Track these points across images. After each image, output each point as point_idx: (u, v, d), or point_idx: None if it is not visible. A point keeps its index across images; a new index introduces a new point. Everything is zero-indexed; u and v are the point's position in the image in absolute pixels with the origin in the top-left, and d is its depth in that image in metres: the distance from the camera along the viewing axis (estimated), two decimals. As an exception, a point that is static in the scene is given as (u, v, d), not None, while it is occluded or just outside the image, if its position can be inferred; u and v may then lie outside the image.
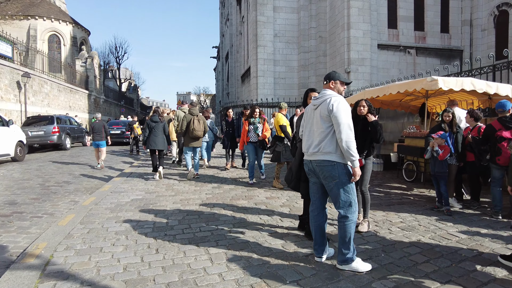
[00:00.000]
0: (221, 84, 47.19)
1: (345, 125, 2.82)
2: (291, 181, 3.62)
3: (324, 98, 2.98)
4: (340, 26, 18.74)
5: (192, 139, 7.85)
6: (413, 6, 20.01)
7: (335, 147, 2.90)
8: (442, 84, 5.39)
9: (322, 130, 2.93)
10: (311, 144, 3.04)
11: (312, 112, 3.11)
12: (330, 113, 2.87)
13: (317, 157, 2.97)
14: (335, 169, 2.90)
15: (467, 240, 3.80)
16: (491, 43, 20.14)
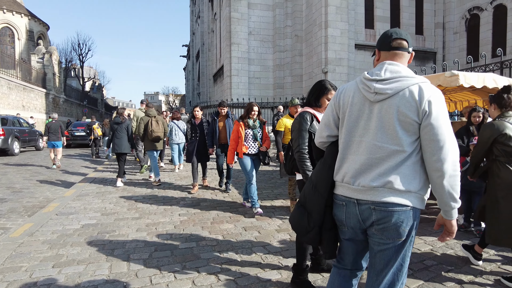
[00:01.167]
0: (192, 84, 45.50)
1: (452, 144, 1.49)
2: (308, 230, 1.85)
3: (402, 82, 1.55)
4: (317, 24, 18.04)
5: (153, 141, 7.38)
6: (389, 6, 19.74)
7: (420, 182, 1.55)
8: (463, 80, 4.56)
9: (399, 147, 1.53)
10: (363, 169, 1.60)
11: (366, 105, 1.63)
12: (424, 117, 1.50)
13: (378, 195, 1.55)
14: (410, 219, 1.56)
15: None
16: (462, 46, 20.30)
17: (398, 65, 1.61)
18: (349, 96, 1.70)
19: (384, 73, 1.60)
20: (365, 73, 1.67)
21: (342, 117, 1.73)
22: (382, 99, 1.56)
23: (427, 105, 1.48)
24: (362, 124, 1.63)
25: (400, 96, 1.53)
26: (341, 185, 1.70)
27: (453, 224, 1.58)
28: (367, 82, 1.62)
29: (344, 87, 1.77)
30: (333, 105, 1.80)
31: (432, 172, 1.51)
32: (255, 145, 5.08)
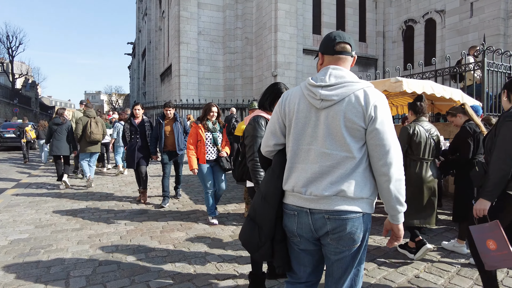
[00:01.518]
0: (137, 83, 43.56)
1: (397, 148, 1.51)
2: (260, 245, 1.73)
3: (347, 88, 1.52)
4: (267, 28, 18.27)
5: (90, 143, 7.08)
6: (335, 13, 20.61)
7: (370, 188, 1.56)
8: (406, 86, 4.85)
9: (348, 154, 1.51)
10: (314, 178, 1.55)
11: (313, 112, 1.58)
12: (370, 123, 1.49)
13: (332, 204, 1.52)
14: (363, 225, 1.56)
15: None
16: (400, 54, 21.87)
17: (342, 70, 1.58)
18: (294, 103, 1.63)
19: (329, 78, 1.56)
20: (310, 78, 1.62)
21: (288, 125, 1.66)
22: (329, 105, 1.52)
23: (373, 110, 1.48)
24: (309, 131, 1.58)
25: (346, 102, 1.50)
26: (292, 194, 1.62)
27: (400, 228, 1.60)
28: (313, 88, 1.57)
29: (289, 93, 1.71)
30: (278, 112, 1.71)
31: (379, 177, 1.52)
32: (214, 150, 4.66)
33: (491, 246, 2.34)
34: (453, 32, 17.52)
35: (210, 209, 4.70)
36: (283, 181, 1.67)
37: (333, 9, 20.52)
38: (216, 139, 4.67)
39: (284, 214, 1.68)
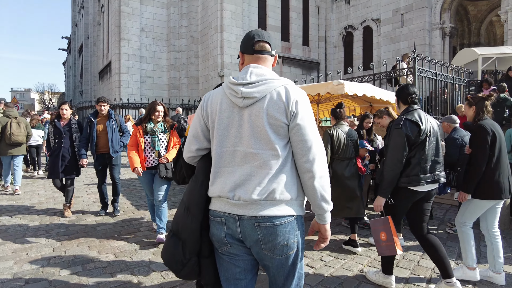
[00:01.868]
0: (73, 81, 40.49)
1: (319, 145, 1.48)
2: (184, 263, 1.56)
3: (268, 85, 1.48)
4: (213, 28, 18.09)
5: (11, 145, 6.49)
6: (280, 17, 21.07)
7: (298, 188, 1.50)
8: (348, 88, 5.08)
9: (274, 152, 1.45)
10: (242, 181, 1.46)
11: (235, 111, 1.51)
12: (292, 118, 1.45)
13: (261, 209, 1.43)
14: (296, 228, 1.49)
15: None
16: (340, 58, 23.05)
17: (262, 68, 1.54)
18: (216, 103, 1.56)
19: (250, 76, 1.51)
20: (231, 77, 1.55)
21: (211, 127, 1.57)
22: (251, 103, 1.47)
23: (294, 106, 1.45)
24: (233, 132, 1.50)
25: (268, 99, 1.46)
26: (219, 200, 1.50)
27: (327, 229, 1.54)
28: (234, 86, 1.50)
29: (210, 94, 1.63)
30: (200, 114, 1.62)
31: (303, 174, 1.46)
32: (153, 156, 4.02)
33: (383, 237, 2.78)
34: (387, 40, 18.88)
35: (159, 223, 4.04)
36: (209, 187, 1.55)
37: (278, 12, 20.96)
38: (155, 143, 4.00)
39: (210, 222, 1.54)
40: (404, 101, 2.92)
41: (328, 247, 3.93)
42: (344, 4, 22.25)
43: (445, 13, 17.20)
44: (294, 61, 21.81)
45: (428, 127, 2.77)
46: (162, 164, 3.94)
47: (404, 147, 2.70)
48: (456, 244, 4.02)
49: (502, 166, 2.95)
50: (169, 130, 4.13)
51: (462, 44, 20.25)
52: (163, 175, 3.91)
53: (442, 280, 2.82)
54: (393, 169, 2.71)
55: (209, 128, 1.59)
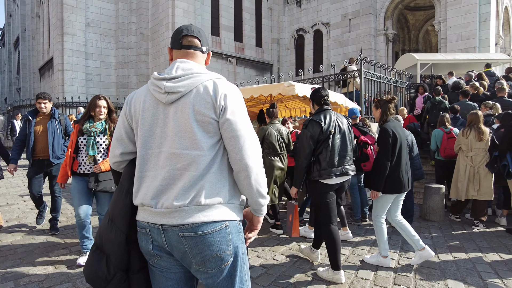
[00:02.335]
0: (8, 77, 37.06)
1: (253, 139, 1.39)
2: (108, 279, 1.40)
3: (195, 79, 1.38)
4: (164, 25, 17.60)
5: None
6: (233, 17, 21.07)
7: (229, 190, 1.39)
8: (298, 90, 5.19)
9: (199, 151, 1.33)
10: (164, 186, 1.34)
11: (160, 109, 1.39)
12: (221, 113, 1.34)
13: (185, 217, 1.30)
14: (230, 237, 1.35)
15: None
16: (292, 60, 23.62)
17: (189, 63, 1.43)
18: (140, 101, 1.43)
19: (176, 71, 1.40)
20: (155, 73, 1.44)
21: (135, 127, 1.44)
22: (176, 99, 1.35)
23: (223, 100, 1.34)
24: (158, 132, 1.37)
25: (194, 93, 1.35)
26: (143, 209, 1.37)
27: (260, 221, 1.49)
28: (157, 82, 1.39)
29: (135, 92, 1.50)
30: (124, 115, 1.49)
31: (238, 172, 1.36)
32: (87, 163, 3.33)
33: (290, 219, 3.67)
34: (337, 44, 19.69)
35: (83, 241, 3.41)
36: (133, 194, 1.41)
37: (231, 12, 20.94)
38: (90, 146, 3.29)
39: (138, 234, 1.40)
40: (317, 102, 3.24)
41: (281, 247, 3.99)
42: (295, 8, 22.84)
43: (388, 20, 18.35)
44: (248, 61, 21.93)
45: (333, 125, 3.09)
46: (100, 173, 3.27)
47: (308, 145, 3.05)
48: (400, 237, 4.28)
49: (401, 163, 3.30)
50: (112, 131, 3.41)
51: (403, 50, 21.72)
52: (91, 187, 3.27)
53: (330, 269, 3.12)
54: (300, 164, 3.11)
55: (133, 129, 1.46)
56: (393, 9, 18.23)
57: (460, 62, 11.60)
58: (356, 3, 18.64)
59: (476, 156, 4.83)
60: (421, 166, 4.75)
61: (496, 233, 4.63)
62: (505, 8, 18.65)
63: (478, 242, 4.24)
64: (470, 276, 3.25)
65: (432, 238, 4.36)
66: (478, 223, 4.82)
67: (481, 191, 4.77)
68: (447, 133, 5.54)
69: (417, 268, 3.39)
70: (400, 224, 3.49)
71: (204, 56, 1.52)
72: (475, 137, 4.81)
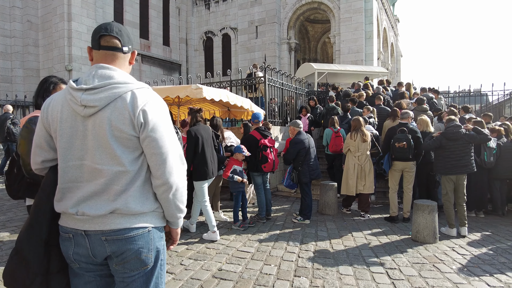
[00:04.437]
0: None
1: (175, 155, 1.39)
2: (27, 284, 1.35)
3: (113, 91, 1.31)
4: (58, 15, 15.79)
5: None
6: (138, 12, 20.02)
7: (154, 201, 1.40)
8: (206, 93, 5.28)
9: (121, 167, 1.31)
10: (87, 197, 1.33)
11: (79, 120, 1.33)
12: (141, 130, 1.31)
13: (108, 223, 1.31)
14: (152, 241, 1.38)
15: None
16: (201, 62, 23.53)
17: (110, 69, 1.35)
18: (57, 110, 1.36)
19: (93, 79, 1.32)
20: (71, 81, 1.35)
21: (54, 137, 1.39)
22: (93, 113, 1.29)
23: (142, 115, 1.29)
24: (78, 144, 1.33)
25: (111, 107, 1.29)
26: (65, 214, 1.37)
27: (178, 232, 1.53)
28: (74, 92, 1.31)
29: (52, 99, 1.41)
30: (41, 122, 1.42)
31: (157, 188, 1.36)
32: None
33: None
34: (244, 49, 20.33)
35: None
36: (55, 202, 1.39)
37: (136, 8, 19.89)
38: None
39: (60, 237, 1.39)
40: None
41: (187, 250, 3.99)
42: (204, 9, 22.83)
43: (291, 30, 19.72)
44: (155, 60, 21.09)
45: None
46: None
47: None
48: (300, 232, 4.68)
49: (206, 156, 4.29)
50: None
51: (304, 59, 23.56)
52: None
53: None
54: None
55: (52, 137, 1.40)
56: (295, 20, 19.65)
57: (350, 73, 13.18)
58: (262, 11, 19.54)
59: (361, 156, 5.57)
60: (318, 167, 5.28)
61: (377, 221, 5.44)
62: (384, 29, 21.80)
63: (364, 230, 4.92)
64: (356, 260, 3.77)
65: (327, 230, 4.89)
66: (364, 214, 5.58)
67: (366, 186, 5.53)
68: (335, 132, 6.60)
69: (314, 259, 3.78)
70: (204, 208, 4.36)
71: (126, 56, 1.44)
72: (361, 139, 5.54)
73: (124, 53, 1.42)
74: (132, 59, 1.48)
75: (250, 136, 5.09)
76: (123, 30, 1.43)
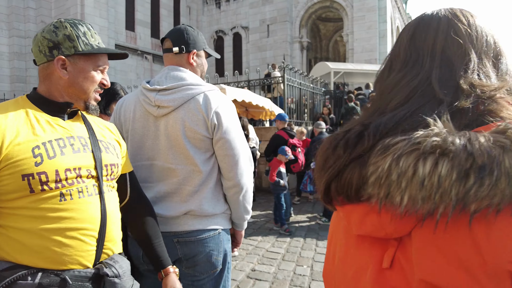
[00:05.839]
0: None
1: (246, 157, 1.39)
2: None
3: (186, 92, 1.32)
4: (72, 15, 15.88)
5: None
6: (149, 12, 20.13)
7: (224, 203, 1.41)
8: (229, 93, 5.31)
9: (194, 167, 1.32)
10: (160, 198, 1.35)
11: (151, 120, 1.36)
12: (215, 131, 1.31)
13: (181, 224, 1.32)
14: (221, 244, 1.38)
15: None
16: (212, 61, 23.34)
17: (182, 71, 1.37)
18: (130, 110, 1.40)
19: (166, 80, 1.35)
20: (144, 81, 1.40)
21: (126, 137, 1.42)
22: (166, 113, 1.31)
23: (216, 117, 1.30)
24: (149, 144, 1.36)
25: (185, 108, 1.30)
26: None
27: (242, 234, 1.55)
28: (147, 93, 1.35)
29: (124, 99, 1.48)
30: (114, 122, 1.46)
31: (229, 189, 1.38)
32: None
33: None
34: (255, 48, 20.31)
35: None
36: None
37: (148, 7, 20.00)
38: None
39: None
40: None
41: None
42: (215, 8, 22.83)
43: (303, 29, 19.63)
44: (166, 60, 21.15)
45: None
46: None
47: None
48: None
49: None
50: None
51: (316, 58, 23.45)
52: None
53: None
54: None
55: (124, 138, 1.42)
56: (307, 18, 19.57)
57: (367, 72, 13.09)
58: (273, 9, 19.49)
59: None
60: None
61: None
62: (397, 28, 21.59)
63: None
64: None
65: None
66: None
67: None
68: None
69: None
70: None
71: (181, 56, 1.41)
72: None
73: (175, 53, 1.40)
74: (190, 58, 1.42)
75: (278, 136, 5.04)
76: (178, 31, 1.42)
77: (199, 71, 1.47)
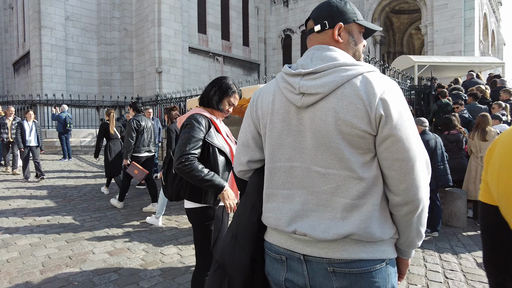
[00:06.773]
0: (-24, 72, 34.87)
1: (423, 162, 1.00)
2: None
3: (339, 74, 0.99)
4: (149, 21, 16.96)
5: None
6: (220, 15, 20.63)
7: (391, 224, 1.05)
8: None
9: (350, 172, 0.99)
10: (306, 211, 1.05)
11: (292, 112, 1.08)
12: (380, 125, 0.96)
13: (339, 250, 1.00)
14: (389, 277, 1.03)
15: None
16: (279, 60, 23.41)
17: (331, 49, 1.08)
18: (268, 101, 1.14)
19: (312, 62, 1.07)
20: (286, 66, 1.13)
21: (263, 133, 1.18)
22: (313, 102, 1.02)
23: (382, 106, 0.95)
24: (289, 142, 1.08)
25: (338, 95, 0.99)
26: (276, 231, 1.12)
27: (409, 263, 1.17)
28: (290, 78, 1.08)
29: (262, 90, 1.22)
30: (250, 116, 1.23)
31: (398, 206, 1.01)
32: None
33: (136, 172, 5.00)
34: (325, 45, 19.62)
35: None
36: (263, 212, 1.18)
37: (218, 10, 20.52)
38: None
39: (266, 256, 1.16)
40: (134, 109, 5.56)
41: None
42: (282, 7, 22.65)
43: (376, 22, 18.47)
44: (235, 61, 21.56)
45: (144, 125, 5.36)
46: None
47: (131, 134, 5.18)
48: (432, 246, 4.09)
49: None
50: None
51: (389, 52, 21.98)
52: None
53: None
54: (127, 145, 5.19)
55: (261, 134, 1.20)
56: (380, 11, 18.38)
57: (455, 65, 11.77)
58: (344, 4, 18.64)
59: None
60: (447, 172, 4.60)
61: None
62: (484, 15, 19.24)
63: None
64: None
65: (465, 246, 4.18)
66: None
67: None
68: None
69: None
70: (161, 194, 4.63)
71: (324, 34, 1.13)
72: (479, 138, 4.94)
73: (320, 31, 1.13)
74: (335, 34, 1.11)
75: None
76: (320, 6, 1.17)
77: (350, 50, 1.14)
